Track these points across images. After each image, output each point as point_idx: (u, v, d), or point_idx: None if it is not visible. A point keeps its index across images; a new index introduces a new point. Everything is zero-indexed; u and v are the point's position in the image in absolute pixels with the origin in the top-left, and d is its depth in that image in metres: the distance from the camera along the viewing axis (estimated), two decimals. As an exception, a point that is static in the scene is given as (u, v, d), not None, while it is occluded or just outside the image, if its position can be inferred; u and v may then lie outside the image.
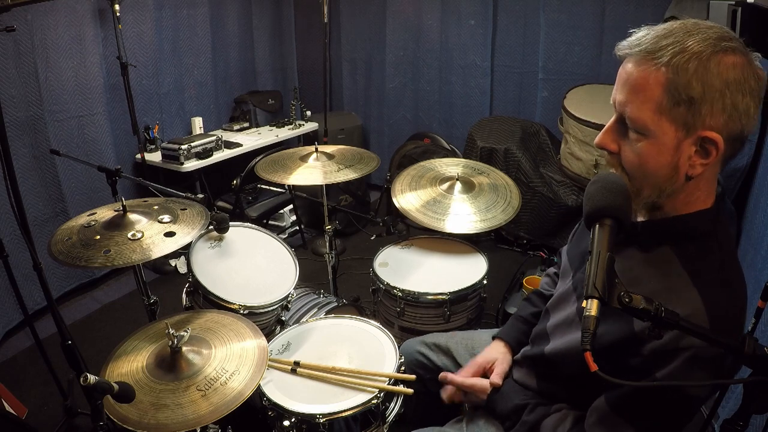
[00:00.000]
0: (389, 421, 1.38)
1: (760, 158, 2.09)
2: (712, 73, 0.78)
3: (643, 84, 0.83)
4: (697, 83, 0.79)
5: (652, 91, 0.82)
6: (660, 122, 0.83)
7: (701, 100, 0.79)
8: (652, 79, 0.82)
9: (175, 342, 1.20)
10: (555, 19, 3.35)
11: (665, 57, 0.80)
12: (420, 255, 2.06)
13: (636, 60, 0.84)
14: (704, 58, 0.79)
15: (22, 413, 2.08)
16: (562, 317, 1.12)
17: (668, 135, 0.83)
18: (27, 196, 2.42)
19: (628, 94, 0.85)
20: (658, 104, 0.82)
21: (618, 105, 0.88)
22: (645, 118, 0.83)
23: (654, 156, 0.85)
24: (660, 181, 0.87)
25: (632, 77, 0.84)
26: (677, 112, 0.81)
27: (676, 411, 0.89)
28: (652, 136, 0.84)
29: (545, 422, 1.10)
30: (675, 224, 0.90)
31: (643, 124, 0.84)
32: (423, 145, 3.88)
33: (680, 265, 0.89)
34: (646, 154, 0.86)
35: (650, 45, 0.82)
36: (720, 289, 0.87)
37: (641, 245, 0.94)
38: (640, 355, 0.88)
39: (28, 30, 2.52)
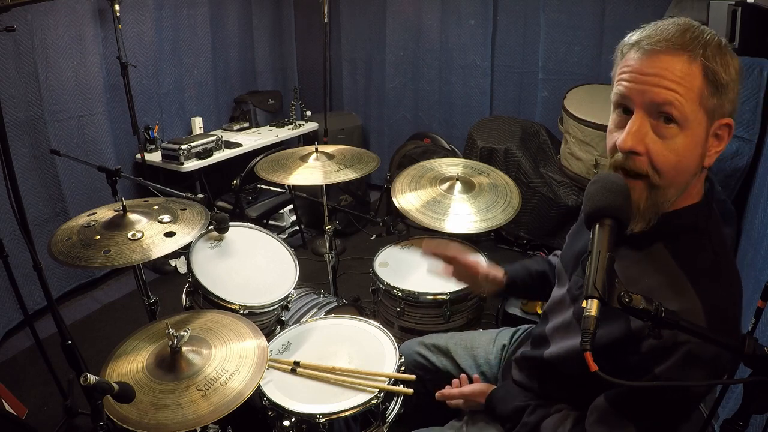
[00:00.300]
0: (389, 421, 1.38)
1: (760, 158, 2.09)
2: (729, 64, 0.83)
3: (681, 75, 0.82)
4: (725, 72, 0.82)
5: (693, 81, 0.82)
6: (698, 113, 0.83)
7: (726, 88, 0.83)
8: (693, 70, 0.82)
9: (175, 342, 1.20)
10: (555, 19, 3.35)
11: (698, 49, 0.81)
12: (420, 255, 2.06)
13: (671, 53, 0.82)
14: (722, 50, 0.83)
15: (22, 413, 2.08)
16: (560, 321, 1.12)
17: (702, 126, 0.84)
18: (27, 196, 2.41)
19: (667, 86, 0.82)
20: (699, 94, 0.82)
21: (650, 99, 0.83)
22: (688, 110, 0.82)
23: (691, 150, 0.85)
24: (689, 176, 0.87)
25: (671, 69, 0.82)
26: (712, 101, 0.83)
27: (675, 408, 0.90)
28: (688, 128, 0.83)
29: (545, 423, 1.10)
30: (667, 220, 0.90)
31: (686, 116, 0.82)
32: (423, 145, 3.88)
33: (674, 261, 0.90)
34: (683, 149, 0.84)
35: (679, 38, 0.82)
36: (714, 282, 0.88)
37: (633, 244, 0.94)
38: (638, 353, 0.89)
39: (28, 30, 2.52)
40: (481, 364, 1.45)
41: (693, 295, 0.86)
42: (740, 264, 2.05)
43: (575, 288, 1.08)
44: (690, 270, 0.88)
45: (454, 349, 1.49)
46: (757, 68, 2.05)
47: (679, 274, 0.88)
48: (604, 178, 0.84)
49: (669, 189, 0.86)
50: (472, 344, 1.50)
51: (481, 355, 1.47)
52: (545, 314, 1.22)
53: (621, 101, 0.88)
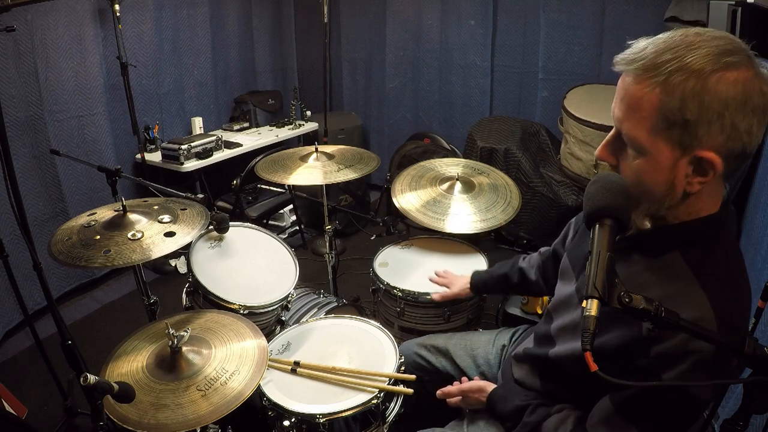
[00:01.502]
0: (389, 421, 1.38)
1: (760, 158, 2.09)
2: (710, 93, 0.75)
3: (638, 103, 0.81)
4: (694, 104, 0.76)
5: (646, 111, 0.81)
6: (655, 142, 0.82)
7: (697, 121, 0.77)
8: (646, 100, 0.80)
9: (175, 342, 1.20)
10: (555, 19, 3.35)
11: (661, 76, 0.78)
12: (420, 255, 2.06)
13: (633, 77, 0.81)
14: (704, 76, 0.75)
15: (22, 413, 2.08)
16: (567, 321, 1.12)
17: (664, 154, 0.82)
18: (27, 196, 2.42)
19: (625, 111, 0.84)
20: (653, 125, 0.81)
21: (616, 120, 0.87)
22: (640, 138, 0.83)
23: (650, 173, 0.85)
24: (657, 196, 0.87)
25: (628, 94, 0.83)
26: (672, 133, 0.80)
27: (679, 412, 0.89)
28: (647, 155, 0.83)
29: (546, 423, 1.10)
30: (681, 231, 0.90)
31: (639, 143, 0.83)
32: (423, 145, 3.88)
33: (688, 270, 0.89)
34: (642, 171, 0.85)
35: (648, 61, 0.79)
36: (728, 291, 0.87)
37: (646, 251, 0.94)
38: (646, 357, 0.88)
39: (28, 30, 2.52)
40: (481, 364, 1.45)
41: (707, 305, 0.85)
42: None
43: (583, 288, 1.08)
44: (704, 279, 0.87)
45: (454, 349, 1.49)
46: (757, 68, 2.04)
47: (693, 283, 0.88)
48: (604, 178, 0.84)
49: (640, 202, 0.89)
50: (472, 345, 1.50)
51: (480, 356, 1.47)
52: (549, 313, 1.21)
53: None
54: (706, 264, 0.89)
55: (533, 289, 1.53)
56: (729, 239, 0.92)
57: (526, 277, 1.53)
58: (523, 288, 1.57)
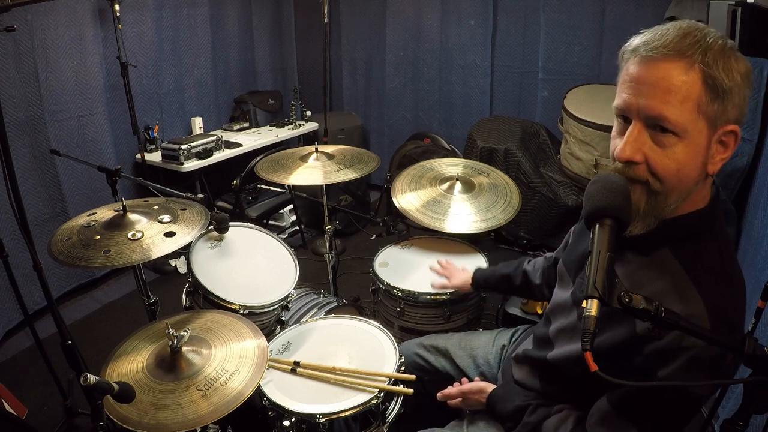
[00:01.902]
0: (389, 421, 1.38)
1: (760, 158, 2.09)
2: (733, 68, 0.80)
3: (678, 84, 0.80)
4: (726, 78, 0.80)
5: (690, 89, 0.80)
6: (697, 121, 0.82)
7: (728, 94, 0.81)
8: (690, 78, 0.80)
9: (175, 342, 1.20)
10: (555, 19, 3.34)
11: (697, 54, 0.80)
12: (420, 255, 2.06)
13: (668, 60, 0.81)
14: (726, 53, 0.81)
15: (22, 413, 2.08)
16: (565, 324, 1.12)
17: (702, 134, 0.83)
18: (27, 196, 2.41)
19: (662, 96, 0.81)
20: (698, 102, 0.81)
21: (645, 110, 0.83)
22: (685, 119, 0.81)
23: (691, 158, 0.84)
24: (691, 183, 0.86)
25: (666, 77, 0.81)
26: (712, 108, 0.81)
27: (677, 410, 0.90)
28: (687, 138, 0.82)
29: (547, 423, 1.10)
30: (673, 226, 0.90)
31: (683, 126, 0.81)
32: (423, 145, 3.88)
33: (680, 266, 0.90)
34: (683, 158, 0.83)
35: (678, 44, 0.81)
36: (720, 286, 0.87)
37: (640, 249, 0.94)
38: (642, 355, 0.89)
39: (28, 30, 2.52)
40: (481, 364, 1.45)
41: (698, 300, 0.85)
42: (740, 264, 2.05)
43: (579, 291, 1.08)
44: (695, 274, 0.88)
45: (453, 350, 1.49)
46: (757, 68, 2.05)
47: (684, 279, 0.88)
48: (604, 178, 0.84)
49: (670, 195, 0.86)
50: (471, 345, 1.50)
51: (480, 356, 1.47)
52: (547, 316, 1.22)
53: (620, 112, 0.88)
54: (697, 259, 0.89)
55: (536, 293, 1.51)
56: (721, 233, 0.92)
57: (529, 281, 1.51)
58: (524, 291, 1.56)
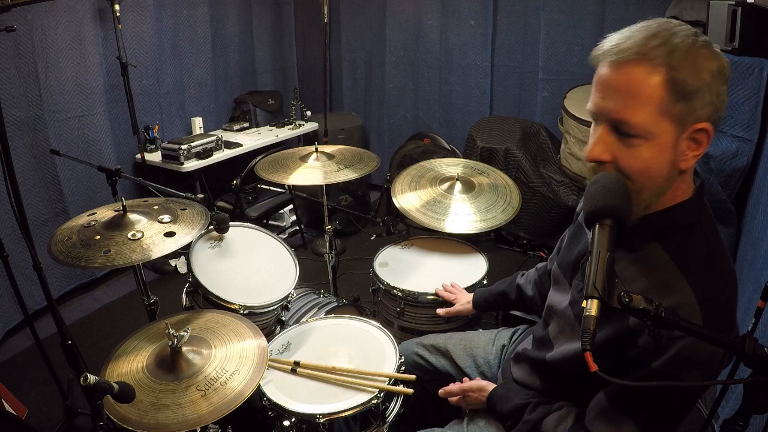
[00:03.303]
0: (389, 421, 1.38)
1: (760, 158, 2.09)
2: (701, 67, 0.81)
3: (640, 86, 0.82)
4: (692, 77, 0.80)
5: (652, 92, 0.81)
6: (661, 122, 0.83)
7: (695, 93, 0.81)
8: (651, 81, 0.81)
9: (175, 342, 1.20)
10: (555, 19, 3.35)
11: (660, 56, 0.81)
12: (420, 255, 2.06)
13: (627, 63, 0.82)
14: (693, 53, 0.81)
15: (22, 413, 2.08)
16: (562, 325, 1.13)
17: (668, 134, 0.84)
18: (27, 196, 2.42)
19: (624, 100, 0.83)
20: (660, 104, 0.82)
21: (609, 113, 0.85)
22: (647, 122, 0.83)
23: (656, 158, 0.85)
24: (661, 181, 0.87)
25: (627, 81, 0.83)
26: (676, 109, 0.82)
27: (674, 401, 0.90)
28: (652, 138, 0.84)
29: (547, 420, 1.10)
30: (660, 219, 0.91)
31: (646, 128, 0.83)
32: (423, 145, 3.89)
33: (668, 258, 0.90)
34: (648, 157, 0.85)
35: (641, 47, 0.82)
36: (708, 275, 0.88)
37: (628, 246, 0.95)
38: (636, 347, 0.90)
39: (28, 30, 2.52)
40: (481, 364, 1.45)
41: (687, 289, 0.86)
42: (740, 264, 2.05)
43: (576, 292, 1.08)
44: (683, 264, 0.89)
45: (453, 349, 1.49)
46: (757, 68, 2.05)
47: (673, 270, 0.89)
48: (604, 178, 0.84)
49: (641, 193, 0.88)
50: (471, 345, 1.50)
51: (480, 356, 1.47)
52: (545, 318, 1.22)
53: (591, 116, 0.91)
54: (685, 251, 0.90)
55: (530, 305, 1.51)
56: (707, 224, 0.92)
57: (523, 294, 1.52)
58: (520, 304, 1.56)
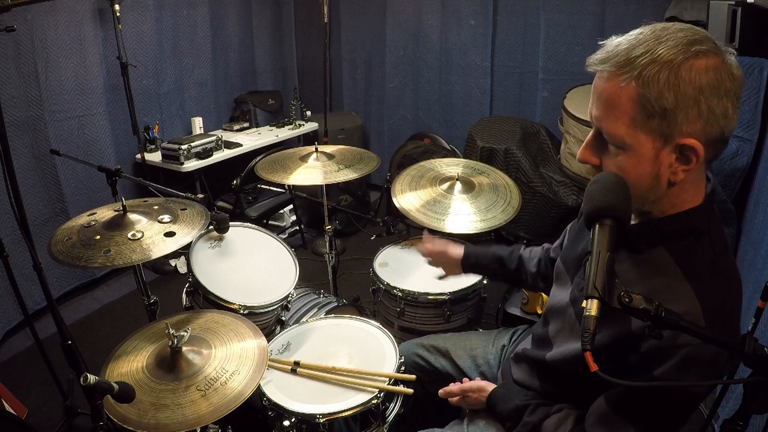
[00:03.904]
0: (389, 421, 1.38)
1: (760, 158, 2.09)
2: (684, 81, 0.78)
3: (615, 99, 0.83)
4: (669, 93, 0.78)
5: (624, 105, 0.82)
6: (636, 135, 0.83)
7: (675, 109, 0.79)
8: (623, 95, 0.81)
9: (175, 342, 1.20)
10: (555, 19, 3.34)
11: (635, 70, 0.79)
12: (420, 255, 2.05)
13: (607, 75, 0.83)
14: (675, 66, 0.78)
15: (22, 413, 2.08)
16: (562, 324, 1.12)
17: (646, 146, 0.83)
18: (27, 196, 2.42)
19: (603, 110, 0.85)
20: (632, 118, 0.82)
21: (594, 119, 0.88)
22: (621, 133, 0.84)
23: (634, 167, 0.85)
24: (642, 191, 0.87)
25: (605, 93, 0.84)
26: (652, 124, 0.81)
27: (675, 408, 0.90)
28: (630, 149, 0.84)
29: (546, 422, 1.10)
30: (666, 225, 0.91)
31: (620, 139, 0.84)
32: (423, 145, 3.88)
33: (673, 263, 0.90)
34: (625, 166, 0.86)
35: (621, 57, 0.81)
36: (714, 282, 0.88)
37: (633, 248, 0.95)
38: (637, 353, 0.89)
39: (28, 30, 2.52)
40: (481, 364, 1.45)
41: (692, 297, 0.86)
42: (740, 264, 2.05)
43: (577, 290, 1.08)
44: (689, 271, 0.88)
45: (453, 350, 1.49)
46: (757, 68, 2.05)
47: (678, 276, 0.88)
48: (604, 178, 0.84)
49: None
50: (471, 345, 1.50)
51: (480, 356, 1.46)
52: (545, 316, 1.22)
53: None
54: (691, 257, 0.90)
55: (528, 281, 1.45)
56: (715, 231, 0.92)
57: (523, 267, 1.45)
58: (516, 277, 1.47)
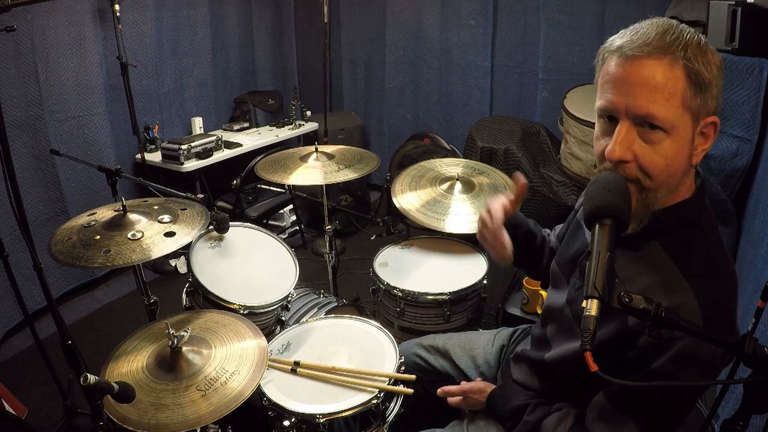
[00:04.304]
0: (389, 421, 1.38)
1: (760, 158, 2.09)
2: (711, 62, 0.83)
3: (663, 81, 0.82)
4: (706, 71, 0.82)
5: (675, 85, 0.82)
6: (684, 116, 0.83)
7: (709, 86, 0.83)
8: (675, 74, 0.82)
9: (175, 342, 1.20)
10: (555, 19, 3.34)
11: (679, 50, 0.81)
12: (420, 255, 2.06)
13: (652, 58, 0.82)
14: (703, 48, 0.83)
15: (22, 413, 2.08)
16: (560, 324, 1.12)
17: (687, 128, 0.84)
18: (27, 196, 2.42)
19: (650, 94, 0.82)
20: (683, 97, 0.82)
21: (633, 109, 0.84)
22: (671, 115, 0.82)
23: (678, 152, 0.85)
24: (679, 177, 0.88)
25: (652, 76, 0.82)
26: (695, 102, 0.83)
27: (674, 403, 0.90)
28: (674, 133, 0.84)
29: (546, 421, 1.10)
30: (661, 217, 0.91)
31: (670, 122, 0.83)
32: (423, 145, 3.88)
33: (668, 257, 0.90)
34: (671, 152, 0.84)
35: (660, 41, 0.82)
36: (709, 275, 0.88)
37: (628, 245, 0.95)
38: (635, 348, 0.89)
39: (28, 30, 2.52)
40: (480, 364, 1.45)
41: (688, 290, 0.86)
42: (740, 264, 2.05)
43: (573, 290, 1.08)
44: (684, 265, 0.89)
45: (453, 350, 1.49)
46: (757, 68, 2.05)
47: (673, 270, 0.89)
48: (604, 178, 0.84)
49: (659, 191, 0.87)
50: (471, 345, 1.49)
51: (480, 356, 1.46)
52: (543, 318, 1.22)
53: (605, 112, 0.89)
54: (686, 252, 0.90)
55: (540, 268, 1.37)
56: (707, 224, 0.93)
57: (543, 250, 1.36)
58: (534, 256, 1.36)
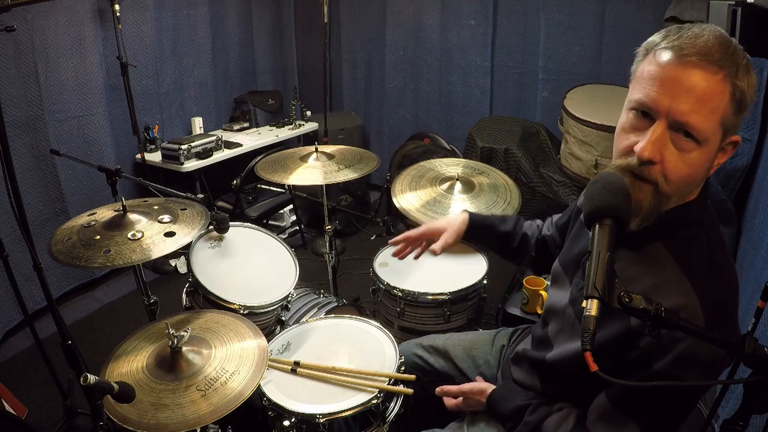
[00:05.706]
0: (389, 421, 1.38)
1: (760, 158, 2.09)
2: (752, 84, 0.83)
3: (712, 94, 0.81)
4: (749, 94, 0.83)
5: (721, 101, 0.81)
6: (718, 132, 0.83)
7: (746, 108, 0.84)
8: (724, 90, 0.81)
9: (175, 342, 1.20)
10: (555, 19, 3.35)
11: (733, 68, 0.81)
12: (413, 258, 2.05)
13: (706, 68, 0.81)
14: (750, 69, 0.83)
15: (22, 413, 2.08)
16: (562, 324, 1.12)
17: (716, 143, 0.85)
18: (27, 196, 2.41)
19: (695, 104, 0.81)
20: (724, 114, 0.82)
21: (674, 113, 0.82)
22: (709, 129, 0.82)
23: (703, 164, 0.85)
24: (695, 186, 0.89)
25: (701, 87, 0.80)
26: (732, 121, 0.83)
27: (675, 403, 0.90)
28: (705, 146, 0.83)
29: (547, 421, 1.10)
30: (665, 218, 0.91)
31: (706, 135, 0.82)
32: (423, 145, 3.89)
33: (671, 258, 0.91)
34: (697, 163, 0.84)
35: (718, 53, 0.81)
36: (711, 276, 0.88)
37: (631, 245, 0.95)
38: (637, 348, 0.90)
39: (28, 30, 2.52)
40: (480, 365, 1.45)
41: (691, 292, 0.86)
42: (740, 264, 2.05)
43: (576, 290, 1.08)
44: (687, 266, 0.89)
45: (453, 350, 1.48)
46: (757, 68, 2.04)
47: (676, 271, 0.89)
48: (604, 178, 0.84)
49: (673, 196, 0.88)
50: (471, 345, 1.49)
51: (480, 356, 1.46)
52: (545, 317, 1.22)
53: (642, 107, 0.86)
54: (688, 252, 0.90)
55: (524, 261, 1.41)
56: (710, 225, 0.93)
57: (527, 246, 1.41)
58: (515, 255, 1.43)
